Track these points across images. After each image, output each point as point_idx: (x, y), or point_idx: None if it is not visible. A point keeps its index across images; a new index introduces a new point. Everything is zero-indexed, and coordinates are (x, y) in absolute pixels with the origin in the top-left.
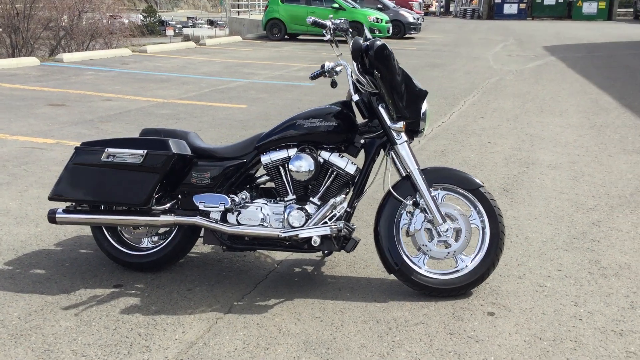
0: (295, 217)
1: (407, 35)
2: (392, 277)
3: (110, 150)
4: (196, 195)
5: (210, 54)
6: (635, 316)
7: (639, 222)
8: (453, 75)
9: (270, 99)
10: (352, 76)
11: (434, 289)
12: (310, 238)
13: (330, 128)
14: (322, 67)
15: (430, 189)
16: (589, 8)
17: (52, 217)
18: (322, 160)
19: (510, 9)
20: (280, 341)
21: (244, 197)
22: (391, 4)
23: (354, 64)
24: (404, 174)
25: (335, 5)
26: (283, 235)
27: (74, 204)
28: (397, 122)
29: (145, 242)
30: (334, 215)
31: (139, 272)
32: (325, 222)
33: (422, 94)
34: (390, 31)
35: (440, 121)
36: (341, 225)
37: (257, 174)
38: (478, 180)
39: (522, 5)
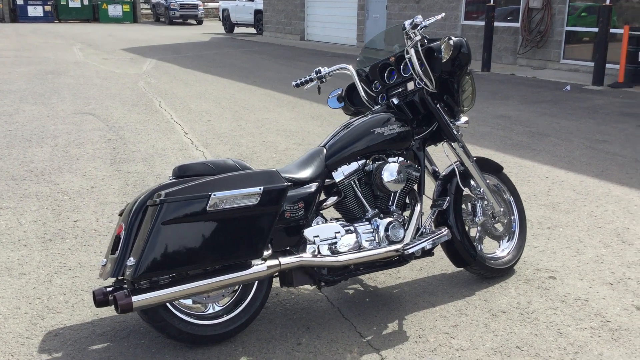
0: (395, 230)
1: None
2: (443, 271)
3: (219, 194)
4: (308, 229)
5: None
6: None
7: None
8: (94, 81)
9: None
10: (359, 80)
11: (500, 270)
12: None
13: (404, 133)
14: (318, 72)
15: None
16: (114, 11)
17: (127, 304)
18: None
19: (35, 11)
20: (472, 355)
21: (321, 222)
22: None
23: (424, 63)
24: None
25: None
26: (409, 251)
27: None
28: (457, 119)
29: (212, 307)
30: (428, 220)
31: (207, 345)
32: (425, 229)
33: None
34: None
35: (175, 135)
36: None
37: None
38: (498, 162)
39: (48, 8)
